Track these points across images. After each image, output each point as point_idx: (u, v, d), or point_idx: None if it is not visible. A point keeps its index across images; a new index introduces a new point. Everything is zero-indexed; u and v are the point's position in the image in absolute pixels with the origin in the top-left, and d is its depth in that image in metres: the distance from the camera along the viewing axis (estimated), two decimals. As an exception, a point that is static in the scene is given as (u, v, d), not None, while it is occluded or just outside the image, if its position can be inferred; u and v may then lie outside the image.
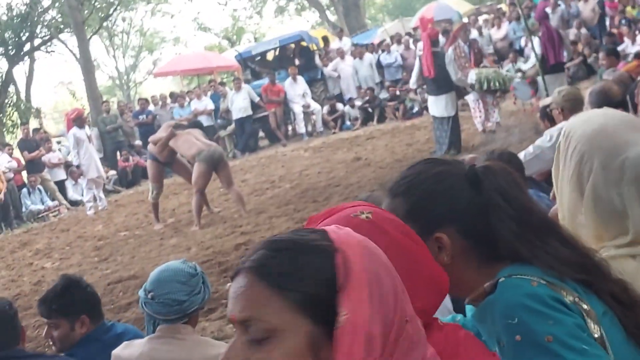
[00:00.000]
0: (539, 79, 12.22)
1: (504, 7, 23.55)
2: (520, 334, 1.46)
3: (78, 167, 15.75)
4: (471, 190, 1.64)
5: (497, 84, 11.96)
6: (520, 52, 18.51)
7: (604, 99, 5.20)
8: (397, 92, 19.04)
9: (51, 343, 3.74)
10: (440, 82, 11.64)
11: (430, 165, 1.70)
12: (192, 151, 10.84)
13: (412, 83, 14.01)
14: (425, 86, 13.17)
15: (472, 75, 11.92)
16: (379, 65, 20.63)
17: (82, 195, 16.04)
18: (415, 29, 21.34)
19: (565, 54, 13.85)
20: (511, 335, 1.47)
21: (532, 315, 1.46)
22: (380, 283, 1.18)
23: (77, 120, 15.01)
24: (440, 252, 1.61)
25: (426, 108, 13.63)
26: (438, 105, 11.83)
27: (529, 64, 14.76)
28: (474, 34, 20.18)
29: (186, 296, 3.08)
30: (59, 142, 21.88)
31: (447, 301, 2.19)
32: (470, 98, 12.88)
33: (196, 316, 3.27)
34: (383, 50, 20.90)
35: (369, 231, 1.36)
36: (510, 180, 1.67)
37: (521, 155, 4.92)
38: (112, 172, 18.95)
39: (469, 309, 1.77)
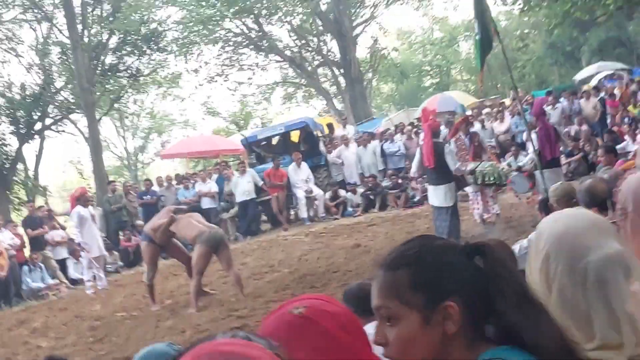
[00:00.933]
0: (537, 173, 12.32)
1: (507, 101, 23.91)
2: None
3: (79, 245, 15.80)
4: (470, 263, 1.68)
5: (492, 179, 12.10)
6: (522, 146, 18.68)
7: (589, 197, 5.31)
8: (399, 181, 19.20)
9: None
10: (439, 173, 11.72)
11: (429, 240, 1.76)
12: (193, 233, 10.95)
13: (413, 172, 14.05)
14: (425, 176, 13.28)
15: (470, 168, 12.09)
16: (382, 154, 20.88)
17: (83, 274, 16.08)
18: (418, 119, 21.66)
19: (561, 149, 14.03)
20: None
21: None
22: None
23: (81, 199, 15.24)
24: (446, 322, 1.63)
25: (427, 197, 13.75)
26: (437, 195, 11.90)
27: (528, 158, 14.93)
28: (476, 126, 20.49)
29: (168, 379, 3.11)
30: (65, 221, 22.06)
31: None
32: (469, 189, 13.01)
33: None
34: (386, 139, 21.16)
35: (301, 327, 1.45)
36: (509, 253, 1.74)
37: (515, 248, 4.91)
38: (114, 254, 19.03)
39: None
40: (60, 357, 3.86)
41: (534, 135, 12.53)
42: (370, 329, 3.65)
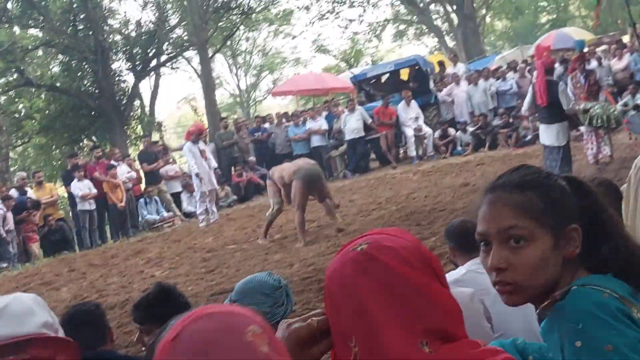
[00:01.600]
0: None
1: (625, 38, 22.91)
2: (581, 339, 1.51)
3: (194, 176, 16.01)
4: (576, 193, 1.71)
5: (599, 122, 11.72)
6: (642, 85, 17.94)
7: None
8: (511, 120, 18.80)
9: (143, 348, 3.89)
10: (552, 111, 11.36)
11: (537, 168, 1.77)
12: (292, 169, 11.24)
13: (524, 110, 13.70)
14: (537, 114, 12.92)
15: (582, 108, 11.72)
16: (495, 92, 20.45)
17: (196, 207, 16.51)
18: (532, 57, 21.03)
19: None
20: (572, 340, 1.53)
21: (596, 323, 1.51)
22: None
23: (194, 135, 15.58)
24: (570, 245, 1.67)
25: (538, 136, 13.42)
26: (549, 134, 11.56)
27: None
28: (593, 64, 19.79)
29: (269, 308, 3.20)
30: (180, 157, 22.70)
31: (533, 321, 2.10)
32: (583, 129, 12.64)
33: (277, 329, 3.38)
34: (498, 78, 20.69)
35: (362, 263, 1.47)
36: (614, 190, 1.78)
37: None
38: (227, 189, 19.45)
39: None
40: (169, 285, 3.98)
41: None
42: (468, 266, 3.65)
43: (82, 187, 17.07)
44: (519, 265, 1.64)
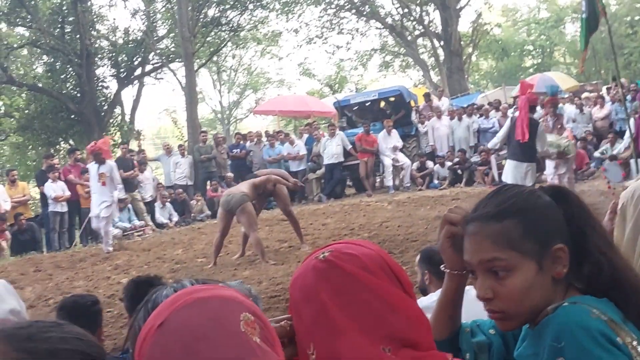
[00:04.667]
0: (632, 161, 11.91)
1: (605, 88, 23.19)
2: (561, 358, 1.52)
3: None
4: (559, 207, 1.71)
5: (555, 146, 11.82)
6: (621, 135, 18.12)
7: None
8: (489, 158, 18.92)
9: None
10: (527, 149, 11.25)
11: (517, 187, 1.77)
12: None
13: (494, 144, 13.45)
14: (508, 150, 12.69)
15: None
16: (477, 130, 20.59)
17: (169, 218, 16.37)
18: (515, 97, 21.22)
19: None
20: (552, 357, 1.53)
21: (578, 345, 1.51)
22: None
23: (95, 155, 14.51)
24: (556, 265, 1.66)
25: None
26: (517, 173, 11.33)
27: (622, 145, 14.37)
28: (573, 110, 20.05)
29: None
30: (156, 168, 22.60)
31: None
32: (548, 172, 12.66)
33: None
34: (482, 115, 20.84)
35: (324, 270, 1.48)
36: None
37: None
38: (201, 203, 19.42)
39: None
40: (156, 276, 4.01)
41: (631, 122, 12.08)
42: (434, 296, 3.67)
43: (55, 188, 16.95)
44: (504, 295, 1.65)
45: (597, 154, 17.71)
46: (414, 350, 1.44)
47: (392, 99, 22.12)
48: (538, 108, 13.16)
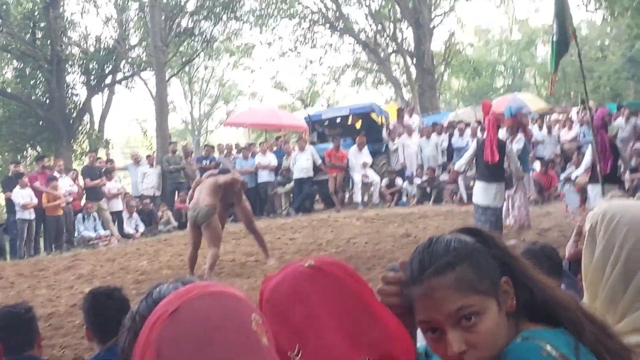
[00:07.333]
0: (589, 187, 11.85)
1: (574, 110, 23.39)
2: None
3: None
4: (484, 244, 1.71)
5: None
6: (587, 158, 18.31)
7: None
8: (457, 178, 18.98)
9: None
10: (495, 170, 11.24)
11: (444, 237, 1.73)
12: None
13: (460, 165, 12.89)
14: (476, 171, 12.60)
15: None
16: (449, 147, 20.63)
17: (135, 228, 16.25)
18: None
19: (622, 166, 13.47)
20: None
21: None
22: None
23: None
24: (506, 298, 1.66)
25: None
26: (487, 194, 11.29)
27: (578, 170, 14.18)
28: (541, 131, 20.21)
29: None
30: (124, 177, 22.42)
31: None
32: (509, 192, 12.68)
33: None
34: (451, 135, 20.82)
35: (313, 275, 1.50)
36: (543, 257, 1.79)
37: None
38: (168, 214, 19.30)
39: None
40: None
41: (589, 148, 12.05)
42: None
43: (24, 195, 16.75)
44: (477, 343, 1.60)
45: (563, 175, 17.84)
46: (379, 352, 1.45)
47: (363, 115, 22.12)
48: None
